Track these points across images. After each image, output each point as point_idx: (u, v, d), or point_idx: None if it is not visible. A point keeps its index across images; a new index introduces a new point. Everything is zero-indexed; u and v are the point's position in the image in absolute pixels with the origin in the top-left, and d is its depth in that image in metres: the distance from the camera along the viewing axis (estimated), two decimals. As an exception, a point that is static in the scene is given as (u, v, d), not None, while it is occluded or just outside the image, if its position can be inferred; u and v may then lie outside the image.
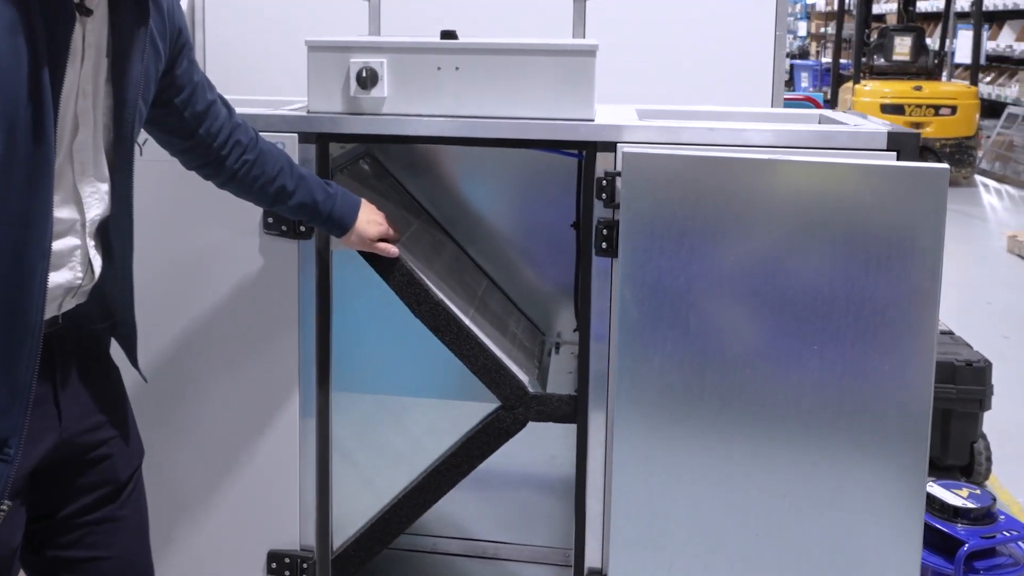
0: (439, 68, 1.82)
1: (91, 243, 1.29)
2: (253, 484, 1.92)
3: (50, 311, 1.25)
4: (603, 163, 1.76)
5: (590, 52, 1.79)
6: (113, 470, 1.41)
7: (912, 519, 1.65)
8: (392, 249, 1.83)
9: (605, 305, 1.78)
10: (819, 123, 1.97)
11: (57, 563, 1.38)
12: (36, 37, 1.12)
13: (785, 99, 3.02)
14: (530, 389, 1.88)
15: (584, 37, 2.86)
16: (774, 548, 1.69)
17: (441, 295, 1.87)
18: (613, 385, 1.74)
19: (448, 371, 2.04)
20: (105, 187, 1.30)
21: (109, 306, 1.39)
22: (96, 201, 1.28)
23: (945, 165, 1.58)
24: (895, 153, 1.70)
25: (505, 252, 2.28)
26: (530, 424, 1.91)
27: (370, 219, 1.79)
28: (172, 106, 1.47)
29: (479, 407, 1.96)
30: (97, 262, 1.31)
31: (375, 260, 1.85)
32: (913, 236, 1.59)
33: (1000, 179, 9.09)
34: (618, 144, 1.74)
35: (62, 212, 1.23)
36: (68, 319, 1.30)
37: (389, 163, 2.25)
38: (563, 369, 2.08)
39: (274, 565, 1.92)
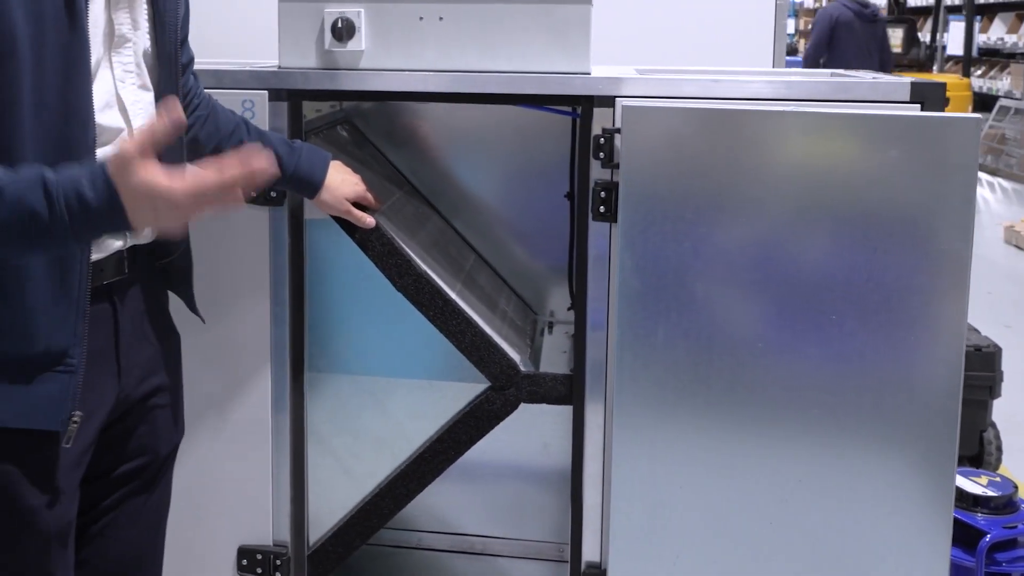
0: (421, 18, 1.67)
1: None
2: (222, 474, 1.77)
3: (115, 246, 1.22)
4: (600, 120, 1.62)
5: (586, 0, 1.65)
6: (155, 442, 1.37)
7: (940, 510, 1.52)
8: (368, 219, 1.68)
9: (604, 274, 1.64)
10: (831, 77, 1.83)
11: (81, 536, 1.31)
12: None
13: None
14: (522, 368, 1.73)
15: None
16: (788, 538, 1.55)
17: (425, 267, 1.72)
18: (612, 362, 1.60)
19: (432, 349, 1.89)
20: (149, 97, 1.25)
21: (170, 240, 1.33)
22: (141, 111, 1.23)
23: (976, 115, 1.45)
24: (919, 105, 1.56)
25: (494, 227, 2.14)
26: (521, 410, 1.76)
27: (344, 178, 1.65)
28: None
29: (466, 388, 1.81)
30: None
31: (353, 228, 1.70)
32: (942, 194, 1.45)
33: (992, 172, 9.01)
34: (617, 98, 1.60)
35: (106, 117, 1.17)
36: (133, 268, 1.26)
37: (368, 131, 2.10)
38: (557, 348, 1.94)
39: (245, 562, 1.77)
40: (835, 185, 1.48)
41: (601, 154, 1.61)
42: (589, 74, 1.65)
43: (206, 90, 1.55)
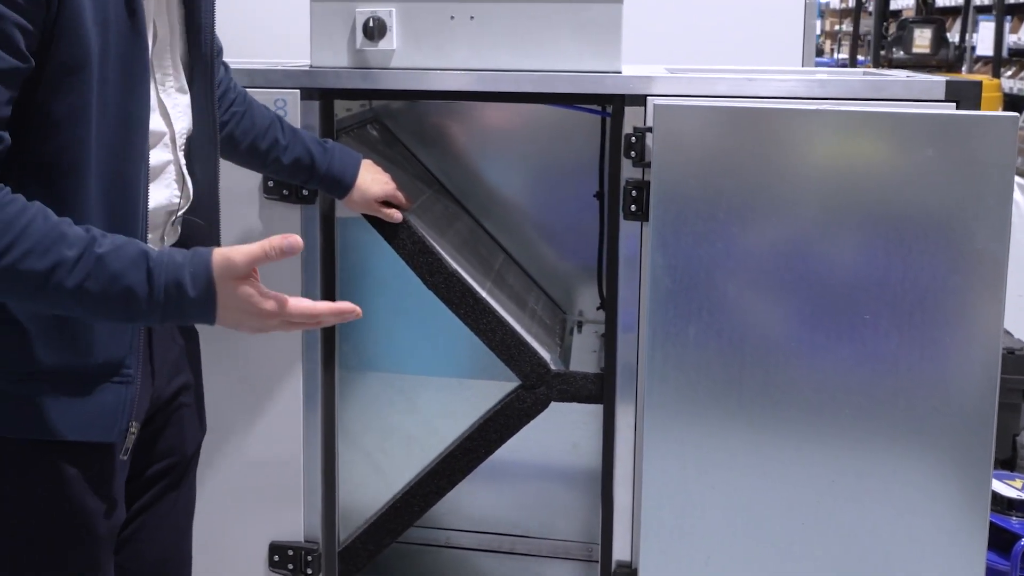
0: (452, 17, 1.68)
1: (183, 160, 1.24)
2: (254, 471, 1.78)
3: (154, 241, 1.20)
4: (632, 119, 1.62)
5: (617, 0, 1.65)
6: (182, 442, 1.36)
7: (976, 513, 1.50)
8: (397, 214, 1.69)
9: (635, 273, 1.64)
10: (864, 76, 1.82)
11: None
12: None
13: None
14: (552, 367, 1.73)
15: None
16: (820, 539, 1.54)
17: (456, 266, 1.73)
18: (643, 362, 1.59)
19: (463, 348, 1.90)
20: (186, 100, 1.24)
21: (201, 243, 1.28)
22: (180, 114, 1.23)
23: (1015, 114, 1.43)
24: (954, 104, 1.55)
25: (522, 226, 2.14)
26: (549, 409, 1.77)
27: (374, 177, 1.66)
28: None
29: (496, 386, 1.81)
30: (190, 181, 1.25)
31: (384, 227, 1.71)
32: (978, 196, 1.43)
33: (1023, 174, 8.91)
34: (648, 97, 1.60)
35: (151, 122, 1.16)
36: None
37: (398, 129, 2.11)
38: (586, 348, 1.94)
39: (276, 558, 1.78)
40: (869, 185, 1.47)
41: (632, 153, 1.61)
42: (620, 73, 1.65)
43: None
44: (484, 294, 1.74)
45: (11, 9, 0.96)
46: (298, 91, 1.69)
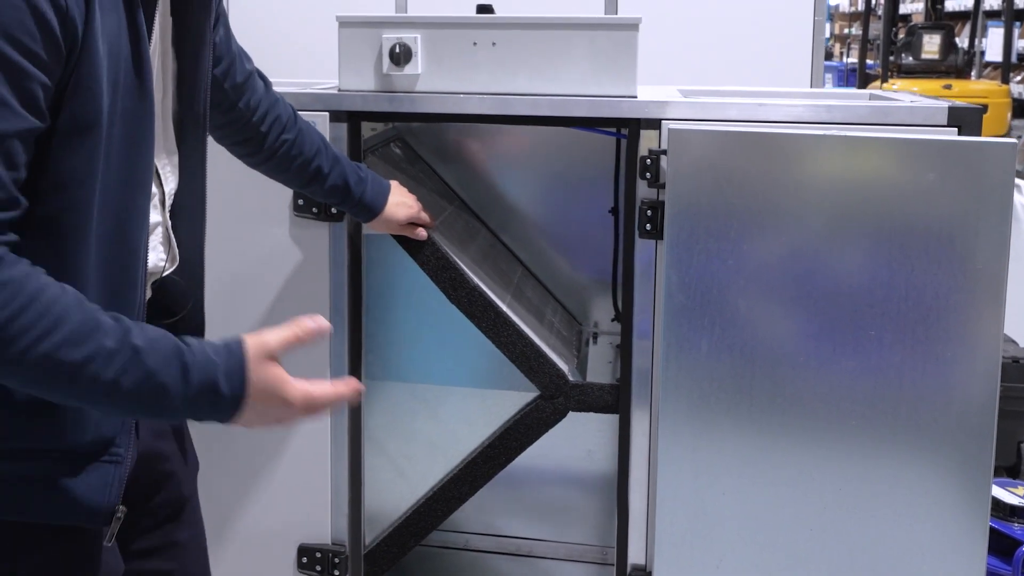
0: (475, 44, 1.75)
1: (170, 222, 1.20)
2: (283, 476, 1.86)
3: None
4: (647, 142, 1.69)
5: (633, 26, 1.72)
6: (177, 487, 1.32)
7: (977, 520, 1.56)
8: (421, 233, 1.76)
9: (649, 290, 1.71)
10: (870, 100, 1.89)
11: None
12: None
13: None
14: (571, 378, 1.81)
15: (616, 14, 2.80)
16: (827, 545, 1.61)
17: (477, 280, 1.80)
18: (658, 373, 1.67)
19: (484, 359, 1.97)
20: (175, 160, 1.21)
21: (179, 299, 1.26)
22: (169, 174, 1.19)
23: (1013, 140, 1.50)
24: (956, 129, 1.62)
25: (539, 240, 2.21)
26: (565, 418, 1.83)
27: (399, 201, 1.73)
28: (212, 77, 1.34)
29: (515, 396, 1.88)
30: (175, 243, 1.22)
31: (409, 243, 1.78)
32: (977, 219, 1.50)
33: (1029, 178, 8.93)
34: (663, 121, 1.67)
35: None
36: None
37: (420, 147, 2.19)
38: (602, 359, 2.01)
39: (305, 560, 1.86)
40: (874, 206, 1.54)
41: (648, 174, 1.68)
42: (636, 97, 1.72)
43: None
44: (504, 307, 1.82)
45: (36, 67, 0.92)
46: (327, 113, 1.76)
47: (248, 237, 1.82)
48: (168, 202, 1.19)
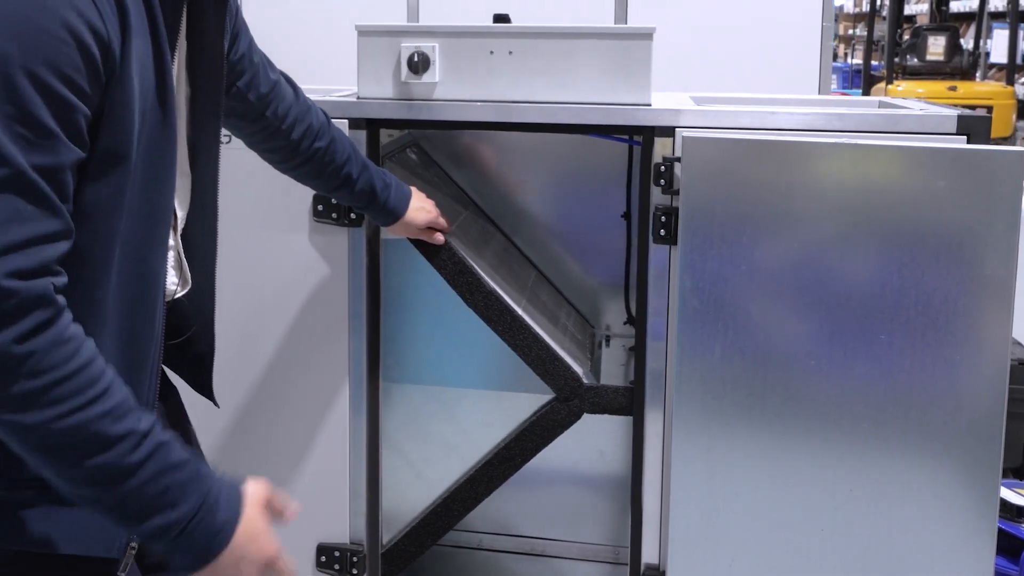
0: (492, 52, 1.78)
1: (181, 246, 1.20)
2: (303, 476, 1.89)
3: None
4: (660, 149, 1.72)
5: (647, 36, 1.76)
6: None
7: (985, 521, 1.59)
8: (439, 237, 1.80)
9: (663, 294, 1.74)
10: (879, 108, 1.92)
11: None
12: (156, 20, 1.02)
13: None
14: (585, 381, 1.84)
15: (626, 24, 2.83)
16: (839, 545, 1.64)
17: (493, 284, 1.84)
18: (672, 376, 1.70)
19: (500, 362, 2.00)
20: (188, 182, 1.20)
21: (189, 319, 1.26)
22: (181, 199, 1.19)
23: (1022, 149, 1.52)
24: (965, 137, 1.65)
25: (552, 244, 2.24)
26: (580, 419, 1.87)
27: (419, 206, 1.77)
28: (235, 90, 1.39)
29: (531, 399, 1.92)
30: (187, 266, 1.22)
31: (426, 248, 1.82)
32: (985, 226, 1.53)
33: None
34: (676, 129, 1.70)
35: None
36: None
37: (435, 153, 2.22)
38: (615, 361, 2.05)
39: (323, 559, 1.89)
40: (884, 212, 1.57)
41: (662, 181, 1.71)
42: (650, 105, 1.75)
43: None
44: (520, 311, 1.85)
45: (80, 99, 0.92)
46: (347, 121, 1.80)
47: (269, 242, 1.86)
48: (180, 225, 1.20)
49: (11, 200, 0.88)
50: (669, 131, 1.71)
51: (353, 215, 1.81)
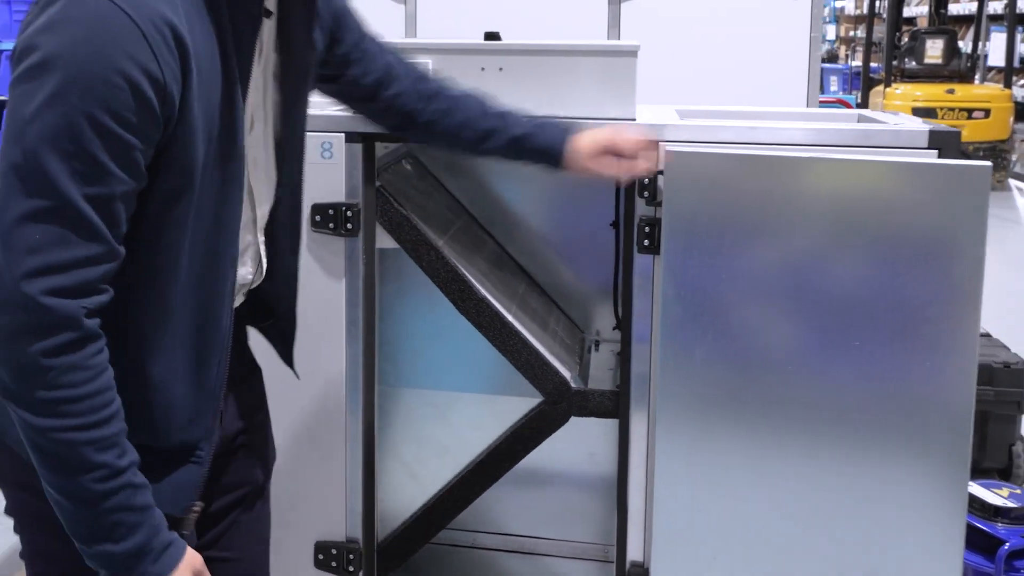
0: (483, 69, 1.85)
1: (262, 239, 1.31)
2: (302, 478, 1.96)
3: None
4: (645, 162, 1.79)
5: (632, 52, 1.82)
6: (252, 472, 1.45)
7: (954, 519, 1.65)
8: (615, 170, 1.67)
9: (647, 301, 1.81)
10: (858, 122, 1.99)
11: None
12: (227, 46, 1.13)
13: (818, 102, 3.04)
14: (573, 385, 1.91)
15: (619, 38, 2.90)
16: (817, 544, 1.70)
17: (484, 292, 1.90)
18: (655, 381, 1.76)
19: (491, 366, 2.07)
20: (274, 182, 1.32)
21: (272, 303, 1.40)
22: (266, 197, 1.30)
23: (987, 163, 1.59)
24: (936, 151, 1.71)
25: (544, 251, 2.31)
26: (569, 422, 1.94)
27: (585, 137, 1.64)
28: (347, 78, 1.51)
29: (521, 402, 1.99)
30: (265, 259, 1.33)
31: (420, 256, 1.88)
32: (954, 235, 1.58)
33: (1034, 182, 9.00)
34: (660, 143, 1.77)
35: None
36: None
37: (429, 163, 2.29)
38: (603, 366, 2.11)
39: (321, 556, 1.96)
40: (859, 223, 1.62)
41: (646, 193, 1.78)
42: (635, 120, 1.82)
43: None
44: (510, 318, 1.92)
45: (133, 135, 1.02)
46: (343, 135, 1.86)
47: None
48: (261, 223, 1.31)
49: (58, 226, 1.01)
50: (653, 145, 1.77)
51: (349, 225, 1.88)
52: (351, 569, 1.95)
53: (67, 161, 1.00)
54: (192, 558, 1.15)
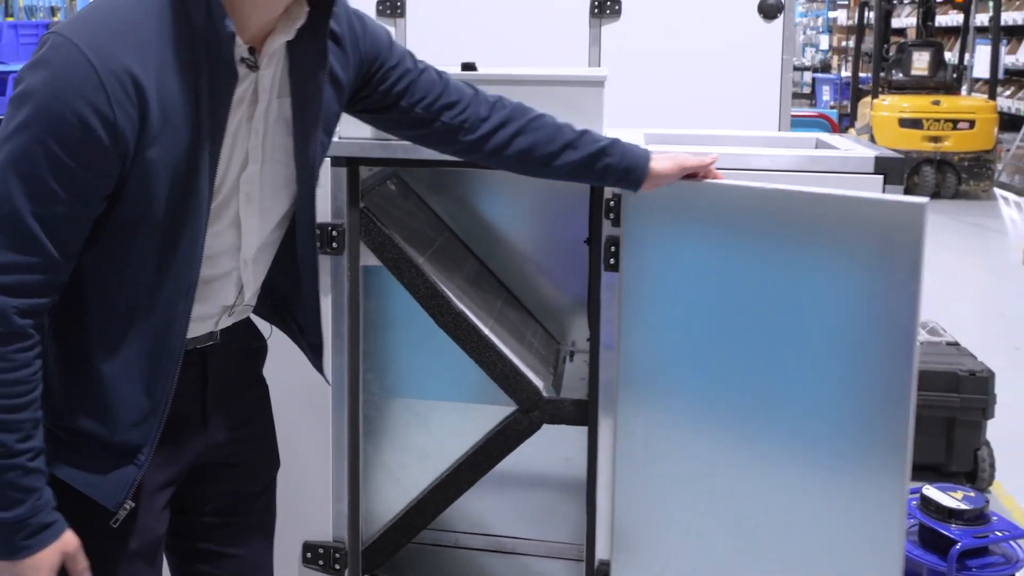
0: (461, 98, 1.97)
1: (246, 267, 1.40)
2: (291, 481, 2.04)
3: (206, 328, 1.41)
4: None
5: (599, 83, 1.95)
6: (246, 479, 1.55)
7: (894, 515, 1.73)
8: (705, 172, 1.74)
9: (613, 316, 1.93)
10: (815, 147, 2.11)
11: (195, 553, 1.54)
12: (200, 99, 1.24)
13: (797, 115, 3.15)
14: (544, 394, 2.03)
15: (600, 60, 3.02)
16: (766, 539, 1.75)
17: (462, 306, 2.03)
18: (618, 392, 1.88)
19: (469, 376, 2.18)
20: (270, 216, 1.40)
21: (302, 323, 1.56)
22: (255, 229, 1.38)
23: (924, 199, 1.58)
24: (882, 176, 1.83)
25: (522, 266, 2.42)
26: (546, 427, 2.05)
27: (661, 166, 1.70)
28: (399, 109, 1.54)
29: (498, 410, 2.10)
30: (250, 286, 1.43)
31: (401, 273, 2.00)
32: (891, 268, 1.60)
33: (1020, 192, 9.12)
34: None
35: (223, 238, 1.35)
36: (226, 335, 1.44)
37: (414, 183, 2.41)
38: (576, 375, 2.23)
39: (309, 555, 2.08)
40: (799, 251, 1.67)
41: (611, 215, 1.90)
42: (602, 146, 1.93)
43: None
44: (487, 331, 2.04)
45: (83, 168, 1.18)
46: (328, 159, 1.98)
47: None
48: (247, 252, 1.39)
49: (4, 235, 1.18)
50: (618, 170, 1.89)
51: (335, 244, 2.00)
52: (337, 567, 2.07)
53: (23, 181, 1.17)
54: (65, 542, 1.27)
